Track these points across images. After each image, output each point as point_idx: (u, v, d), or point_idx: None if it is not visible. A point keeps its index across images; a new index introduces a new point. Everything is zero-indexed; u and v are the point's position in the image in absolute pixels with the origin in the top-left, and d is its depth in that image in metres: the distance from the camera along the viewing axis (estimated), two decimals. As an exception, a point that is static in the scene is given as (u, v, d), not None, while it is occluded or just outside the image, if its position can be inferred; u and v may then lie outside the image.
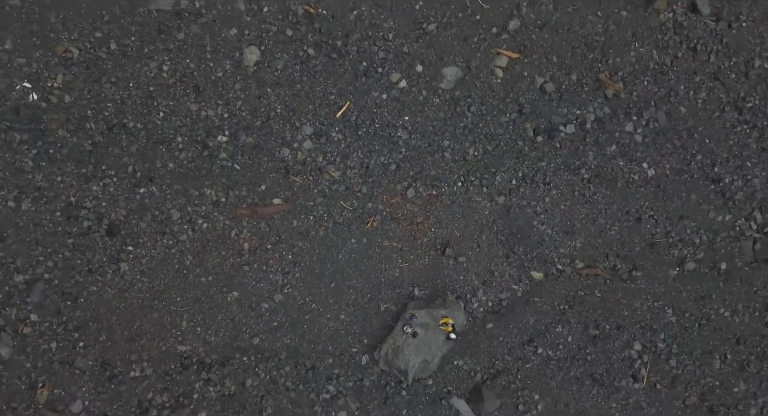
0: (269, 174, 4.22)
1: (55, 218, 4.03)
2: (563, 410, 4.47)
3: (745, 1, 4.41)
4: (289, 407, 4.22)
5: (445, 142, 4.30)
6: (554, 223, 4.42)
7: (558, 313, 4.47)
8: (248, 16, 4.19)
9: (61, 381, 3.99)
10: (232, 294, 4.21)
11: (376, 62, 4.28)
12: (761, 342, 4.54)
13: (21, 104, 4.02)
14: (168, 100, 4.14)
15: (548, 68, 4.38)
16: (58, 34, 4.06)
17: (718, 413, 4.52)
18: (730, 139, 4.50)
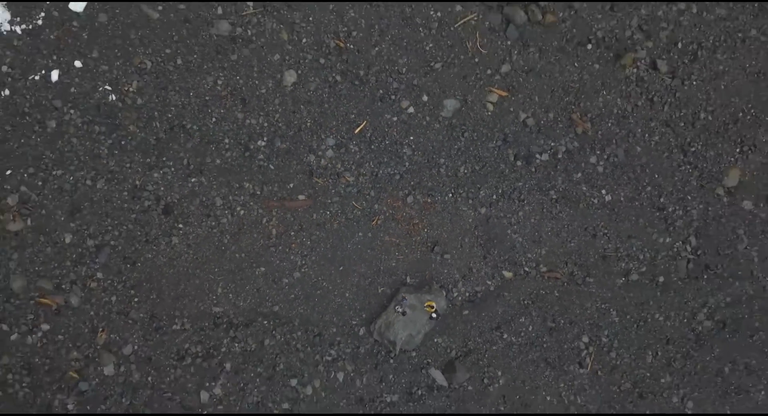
0: (297, 175, 5.03)
1: (123, 197, 4.85)
2: (520, 386, 5.27)
3: (696, 64, 5.22)
4: (297, 365, 5.02)
5: (441, 160, 5.07)
6: (525, 233, 5.21)
7: (522, 307, 5.24)
8: (289, 45, 5.01)
9: (116, 328, 4.83)
10: (260, 269, 4.97)
11: (390, 91, 5.09)
12: (686, 344, 5.35)
13: (102, 102, 4.82)
14: (220, 108, 4.96)
15: (530, 106, 5.17)
16: (135, 48, 4.87)
17: (646, 398, 5.35)
18: (675, 176, 5.29)
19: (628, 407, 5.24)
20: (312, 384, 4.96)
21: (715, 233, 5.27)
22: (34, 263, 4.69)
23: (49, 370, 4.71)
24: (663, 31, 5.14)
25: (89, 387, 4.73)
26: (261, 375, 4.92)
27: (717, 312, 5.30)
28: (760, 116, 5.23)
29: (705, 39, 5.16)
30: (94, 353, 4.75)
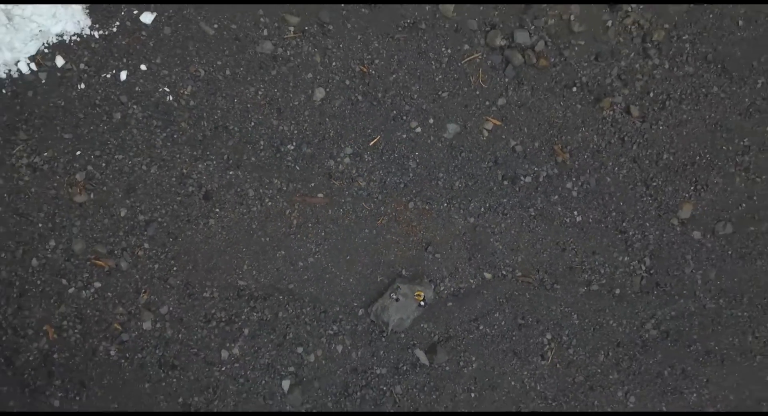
0: (318, 176, 5.86)
1: (171, 182, 5.68)
2: (490, 370, 6.07)
3: (664, 112, 6.05)
4: (304, 335, 5.82)
5: (440, 174, 5.83)
6: (505, 242, 6.01)
7: (498, 304, 5.99)
8: (321, 66, 5.84)
9: (156, 291, 5.67)
10: (280, 252, 5.74)
11: (402, 112, 5.91)
12: (634, 348, 6.16)
13: (160, 101, 5.64)
14: (258, 115, 5.79)
15: (520, 135, 5.99)
16: (192, 58, 5.71)
17: (596, 391, 6.15)
18: (637, 205, 6.08)
19: (580, 397, 6.05)
20: (315, 353, 5.79)
21: (667, 257, 6.09)
22: (92, 231, 5.55)
23: (98, 321, 5.57)
24: (638, 81, 5.99)
25: (129, 338, 5.58)
26: (273, 342, 5.74)
27: (662, 323, 6.11)
28: (714, 161, 6.06)
29: (673, 91, 6.01)
30: (136, 310, 5.59)
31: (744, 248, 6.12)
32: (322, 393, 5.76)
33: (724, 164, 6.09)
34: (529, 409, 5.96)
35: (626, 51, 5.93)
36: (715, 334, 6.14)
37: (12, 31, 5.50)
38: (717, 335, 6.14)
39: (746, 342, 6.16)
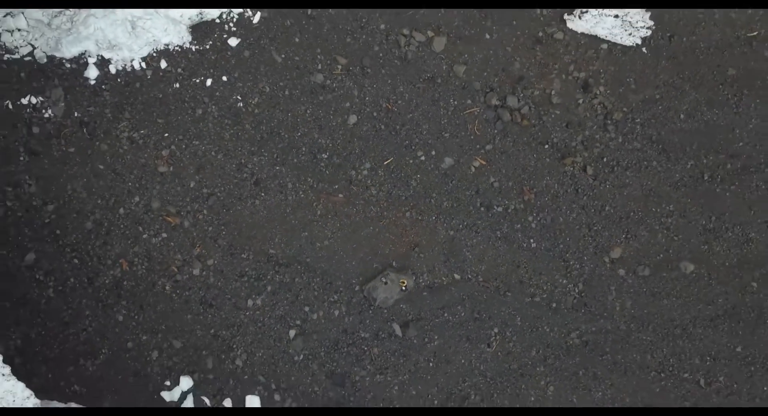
0: (341, 181, 7.54)
1: (231, 167, 7.30)
2: (447, 348, 7.56)
3: (612, 174, 7.85)
4: (311, 298, 7.42)
5: (433, 194, 7.41)
6: (474, 253, 7.62)
7: (461, 299, 7.51)
8: (357, 99, 7.57)
9: (207, 247, 7.27)
10: (304, 233, 7.33)
11: (413, 143, 7.57)
12: (559, 350, 7.77)
13: (233, 106, 7.44)
14: (304, 127, 7.37)
15: (498, 175, 7.67)
16: (261, 77, 7.46)
17: (524, 377, 7.77)
18: (580, 242, 7.71)
19: (512, 380, 7.65)
20: (317, 313, 7.46)
21: (596, 285, 7.77)
22: (167, 194, 7.32)
23: (160, 262, 7.29)
24: (596, 148, 7.75)
25: (181, 279, 7.29)
26: (287, 299, 7.39)
27: (584, 335, 7.76)
28: (644, 219, 7.75)
29: (622, 160, 7.78)
30: (189, 259, 7.28)
31: (656, 288, 7.83)
32: (318, 344, 7.48)
33: (651, 222, 7.81)
34: (472, 384, 7.65)
35: (590, 124, 7.73)
36: (623, 350, 7.81)
37: (133, 37, 7.32)
38: (624, 351, 7.82)
39: (645, 359, 7.85)
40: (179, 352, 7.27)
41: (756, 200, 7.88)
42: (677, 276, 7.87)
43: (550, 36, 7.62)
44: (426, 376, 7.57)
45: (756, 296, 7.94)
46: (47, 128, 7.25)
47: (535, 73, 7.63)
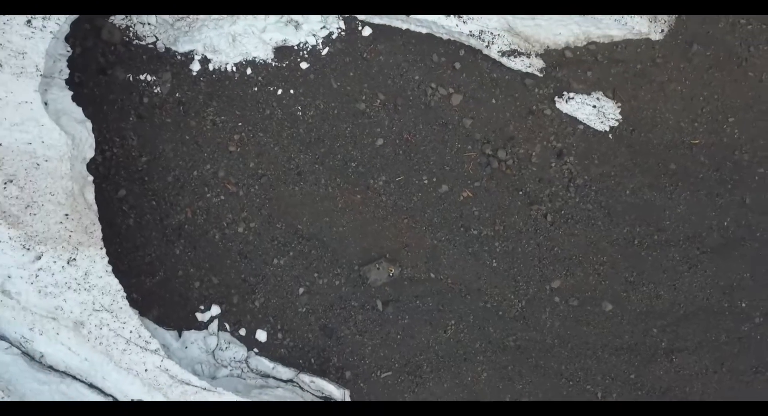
0: (362, 185, 9.68)
1: (283, 159, 9.62)
2: (412, 327, 9.44)
3: (565, 224, 10.22)
4: (321, 268, 9.49)
5: (428, 210, 9.36)
6: (449, 261, 9.68)
7: (432, 293, 9.38)
8: (386, 127, 9.95)
9: (252, 213, 9.47)
10: (326, 219, 9.41)
11: (421, 169, 9.84)
12: (497, 348, 9.97)
13: (294, 114, 9.85)
14: (342, 140, 9.79)
15: (480, 206, 9.77)
16: (318, 96, 9.97)
17: (466, 361, 10.10)
18: (531, 271, 9.84)
19: (456, 362, 9.88)
20: (323, 280, 9.41)
21: (536, 305, 9.94)
22: (231, 168, 9.62)
23: (215, 216, 9.40)
24: (558, 202, 10.01)
25: (228, 232, 9.54)
26: (302, 265, 9.46)
27: (519, 340, 9.93)
28: (582, 262, 9.99)
29: (575, 215, 10.07)
30: (237, 219, 9.49)
31: (580, 317, 10.09)
32: (318, 303, 9.71)
33: (587, 267, 10.07)
34: (426, 358, 9.89)
35: (557, 183, 10.05)
36: (545, 358, 10.02)
37: (232, 47, 9.65)
38: (546, 358, 10.02)
39: (560, 368, 10.05)
40: (215, 286, 9.56)
41: (669, 267, 10.19)
42: (598, 311, 10.11)
43: (541, 111, 9.94)
44: (393, 344, 9.81)
45: (654, 340, 10.22)
46: (153, 101, 9.56)
47: (523, 136, 9.95)
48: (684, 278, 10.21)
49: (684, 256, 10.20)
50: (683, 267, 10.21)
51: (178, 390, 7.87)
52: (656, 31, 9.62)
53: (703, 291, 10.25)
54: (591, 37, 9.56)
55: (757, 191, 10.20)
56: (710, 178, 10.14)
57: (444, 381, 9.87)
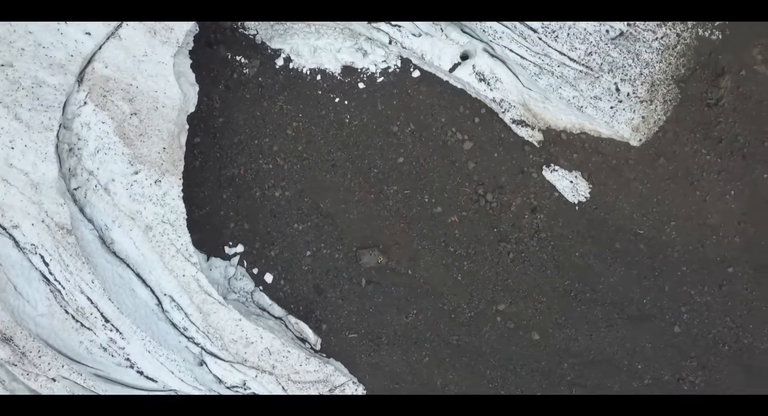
0: (376, 189, 12.62)
1: (324, 151, 12.33)
2: (383, 307, 12.29)
3: (522, 264, 12.94)
4: (329, 242, 12.07)
5: (421, 222, 12.41)
6: (426, 265, 12.53)
7: (405, 285, 12.22)
8: (409, 150, 12.77)
9: (290, 186, 12.50)
10: (343, 205, 12.22)
11: (425, 190, 12.61)
12: (442, 341, 12.76)
13: (342, 125, 12.63)
14: (374, 152, 12.73)
15: (461, 231, 12.49)
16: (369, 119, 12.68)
17: (416, 345, 12.88)
18: (485, 290, 12.82)
19: (409, 343, 12.74)
20: (327, 250, 11.96)
21: (482, 319, 12.43)
22: (283, 146, 12.29)
23: (261, 178, 12.32)
24: (521, 246, 12.78)
25: (266, 193, 12.35)
26: (315, 234, 12.11)
27: (460, 340, 12.46)
28: (526, 297, 12.80)
29: (532, 260, 12.78)
30: (276, 185, 12.19)
31: (512, 337, 12.62)
32: (317, 266, 12.28)
33: (529, 300, 12.64)
34: (386, 333, 12.47)
35: (525, 231, 12.65)
36: (476, 360, 12.52)
37: (311, 55, 12.38)
38: (477, 361, 12.49)
39: (485, 372, 12.59)
40: (245, 231, 12.21)
41: (592, 320, 12.84)
42: (527, 338, 12.59)
43: (530, 173, 12.54)
44: (364, 315, 12.28)
45: (563, 372, 12.84)
46: (240, 78, 12.22)
47: (510, 188, 12.58)
48: (600, 332, 12.79)
49: (605, 316, 12.76)
50: (602, 324, 12.78)
51: (201, 297, 10.54)
52: (635, 139, 12.26)
53: (612, 347, 12.83)
54: (584, 128, 12.20)
55: (675, 283, 12.78)
56: (643, 263, 12.72)
57: (394, 354, 12.45)
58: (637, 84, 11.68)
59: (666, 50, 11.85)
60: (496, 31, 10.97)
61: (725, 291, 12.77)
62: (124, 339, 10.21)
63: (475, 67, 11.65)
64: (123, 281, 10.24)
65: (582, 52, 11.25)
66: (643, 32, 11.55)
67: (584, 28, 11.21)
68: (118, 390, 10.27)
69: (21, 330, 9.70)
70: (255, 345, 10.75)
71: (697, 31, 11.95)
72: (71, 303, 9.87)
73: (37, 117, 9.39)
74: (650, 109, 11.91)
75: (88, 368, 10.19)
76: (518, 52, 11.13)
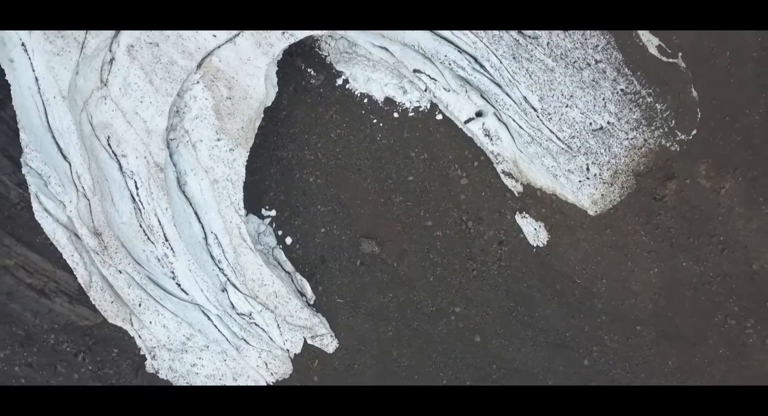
0: (386, 198, 16.30)
1: (356, 158, 16.04)
2: (367, 286, 16.06)
3: (483, 288, 16.48)
4: (341, 226, 15.91)
5: (413, 230, 16.16)
6: (408, 265, 16.29)
7: (389, 273, 16.26)
8: (419, 171, 16.38)
9: (324, 176, 16.09)
10: (358, 201, 16.07)
11: (425, 207, 16.27)
12: (406, 327, 16.47)
13: (369, 145, 16.21)
14: (392, 173, 16.31)
15: (443, 244, 16.39)
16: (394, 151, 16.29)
17: (387, 323, 16.45)
18: (448, 292, 16.39)
19: (379, 316, 16.30)
20: (336, 231, 16.02)
21: (440, 315, 16.28)
22: (326, 144, 15.95)
23: (305, 163, 15.98)
24: (484, 268, 16.34)
25: (306, 178, 15.98)
26: (331, 217, 15.98)
27: (419, 328, 16.35)
28: (479, 307, 16.41)
29: (491, 281, 16.37)
30: (313, 172, 15.96)
31: (460, 335, 16.30)
32: (326, 242, 15.93)
33: (480, 311, 16.32)
34: (364, 305, 16.21)
35: (490, 257, 16.30)
36: (427, 344, 16.22)
37: (363, 84, 16.04)
38: (427, 345, 16.25)
39: (432, 355, 16.27)
40: (280, 201, 15.92)
41: (523, 338, 16.41)
42: (470, 338, 16.39)
43: (505, 214, 16.08)
44: (352, 288, 16.14)
45: (490, 370, 16.48)
46: (306, 86, 15.91)
47: (487, 221, 16.15)
48: (527, 348, 16.42)
49: (534, 337, 16.40)
50: (530, 343, 16.41)
51: (238, 241, 14.24)
52: (593, 210, 15.83)
53: (533, 362, 16.50)
54: (555, 191, 15.80)
55: (594, 327, 16.43)
56: (574, 305, 16.39)
57: (367, 323, 16.17)
58: (603, 169, 15.24)
59: (633, 149, 15.40)
60: (506, 103, 14.59)
61: (630, 343, 16.28)
62: (175, 256, 13.86)
63: (484, 125, 15.24)
64: (185, 214, 13.88)
65: (567, 134, 14.83)
66: (618, 131, 15.11)
67: (573, 117, 14.79)
68: (159, 293, 13.92)
69: (108, 230, 13.37)
70: (267, 287, 14.37)
71: (661, 141, 15.46)
72: (146, 220, 13.52)
73: (164, 85, 13.05)
74: (609, 190, 15.46)
75: (144, 271, 13.86)
76: (518, 122, 14.74)
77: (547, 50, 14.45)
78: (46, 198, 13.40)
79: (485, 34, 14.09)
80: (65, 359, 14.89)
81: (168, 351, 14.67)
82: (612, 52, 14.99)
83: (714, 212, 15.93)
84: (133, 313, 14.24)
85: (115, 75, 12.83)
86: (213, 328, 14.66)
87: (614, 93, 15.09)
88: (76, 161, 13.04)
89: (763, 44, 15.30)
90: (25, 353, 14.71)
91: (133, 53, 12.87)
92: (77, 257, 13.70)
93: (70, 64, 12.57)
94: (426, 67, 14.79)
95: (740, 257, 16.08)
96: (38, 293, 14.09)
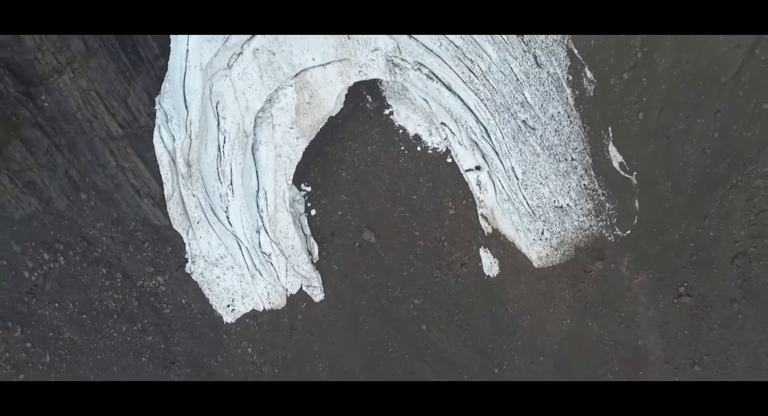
0: (391, 204, 21.81)
1: (368, 170, 21.64)
2: (359, 266, 21.74)
3: (443, 289, 21.84)
4: (355, 217, 21.66)
5: (405, 235, 21.70)
6: (396, 262, 21.87)
7: (379, 259, 21.74)
8: (427, 186, 21.82)
9: (352, 183, 21.61)
10: (374, 208, 21.73)
11: (424, 219, 21.79)
12: (392, 319, 21.94)
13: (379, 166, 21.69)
14: (404, 191, 21.77)
15: (424, 251, 21.81)
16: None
17: (369, 302, 21.88)
18: (420, 290, 21.91)
19: (362, 292, 21.73)
20: (350, 220, 21.58)
21: (405, 306, 21.81)
22: (358, 158, 21.55)
23: (330, 158, 21.54)
24: (446, 279, 21.75)
25: (335, 171, 21.55)
26: (350, 208, 21.57)
27: (391, 310, 21.83)
28: (435, 305, 21.79)
29: (448, 291, 21.76)
30: (344, 177, 21.54)
31: (418, 326, 21.84)
32: (340, 224, 21.73)
33: (435, 306, 21.83)
34: (350, 277, 21.70)
35: (455, 273, 21.78)
36: (398, 331, 21.84)
37: (409, 122, 21.58)
38: (396, 330, 21.84)
39: (387, 341, 21.86)
40: (317, 182, 22.22)
41: (461, 338, 21.84)
42: (418, 326, 21.88)
43: (472, 245, 21.63)
44: (348, 263, 22.26)
45: (425, 354, 21.91)
46: (362, 107, 22.72)
47: (459, 245, 21.76)
48: (458, 346, 21.86)
49: (465, 340, 21.87)
50: (460, 343, 21.98)
51: (279, 200, 20.07)
52: (537, 263, 21.35)
53: (457, 357, 21.86)
54: (515, 241, 21.36)
55: (512, 350, 21.79)
56: (507, 330, 21.72)
57: (348, 289, 22.18)
58: (554, 236, 20.72)
59: (580, 230, 20.84)
60: (498, 167, 20.23)
61: (532, 368, 22.13)
62: (233, 197, 19.56)
63: (478, 176, 20.77)
64: (250, 171, 19.55)
65: (535, 203, 20.35)
66: (573, 213, 20.61)
67: (543, 193, 20.29)
68: (213, 218, 19.67)
69: (196, 164, 19.09)
70: (288, 240, 20.02)
71: (602, 230, 20.88)
72: (222, 166, 19.21)
73: (269, 80, 18.71)
74: (553, 254, 20.91)
75: (209, 200, 19.66)
76: (503, 183, 20.30)
77: (539, 140, 19.91)
78: (165, 130, 19.05)
79: (499, 115, 19.53)
80: (135, 243, 20.47)
81: (205, 261, 20.32)
82: (586, 156, 20.39)
83: (624, 294, 21.27)
84: (191, 226, 19.91)
85: (239, 64, 18.43)
86: (241, 256, 20.33)
87: (578, 185, 20.51)
88: (192, 112, 18.65)
89: (694, 182, 20.56)
90: (112, 229, 20.29)
91: (256, 54, 18.47)
92: (169, 176, 19.34)
93: (213, 48, 18.21)
94: (450, 124, 20.29)
95: (632, 333, 21.36)
96: (135, 191, 19.80)
